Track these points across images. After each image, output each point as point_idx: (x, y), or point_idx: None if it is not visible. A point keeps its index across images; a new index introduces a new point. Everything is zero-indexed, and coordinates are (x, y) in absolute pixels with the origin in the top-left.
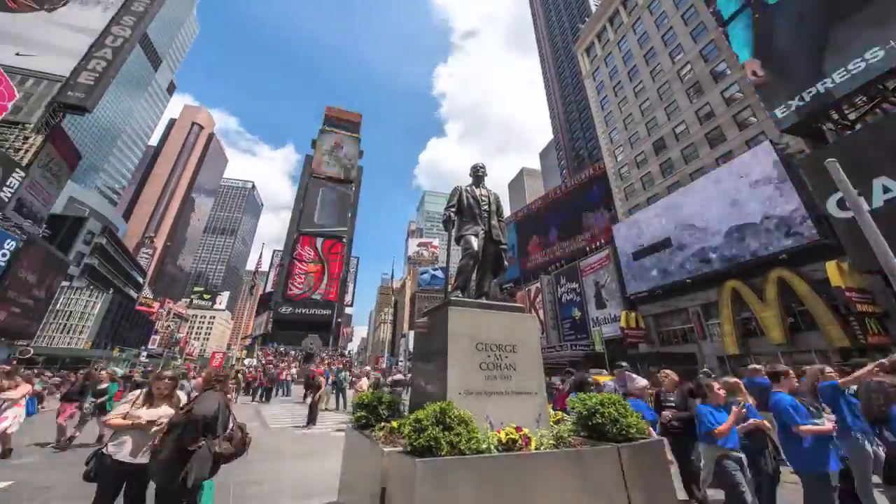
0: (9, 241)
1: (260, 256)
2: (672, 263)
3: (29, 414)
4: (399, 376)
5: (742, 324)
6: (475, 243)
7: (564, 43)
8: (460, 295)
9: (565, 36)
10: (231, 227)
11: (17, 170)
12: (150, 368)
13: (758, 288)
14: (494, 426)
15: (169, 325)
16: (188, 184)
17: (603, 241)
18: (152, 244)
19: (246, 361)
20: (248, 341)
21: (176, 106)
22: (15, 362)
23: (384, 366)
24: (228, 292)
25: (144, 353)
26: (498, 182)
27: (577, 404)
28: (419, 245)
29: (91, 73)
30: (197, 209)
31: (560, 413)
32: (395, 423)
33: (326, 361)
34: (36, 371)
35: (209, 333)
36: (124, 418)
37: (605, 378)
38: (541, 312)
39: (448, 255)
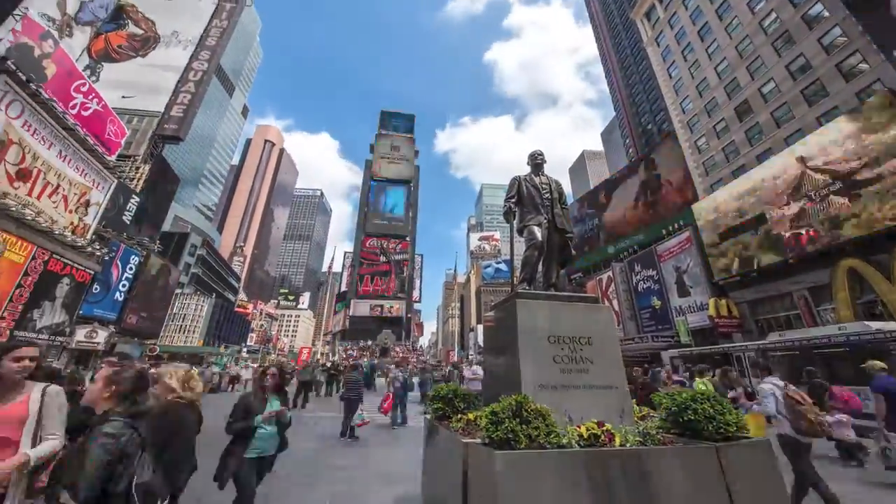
0: (133, 256)
1: (332, 259)
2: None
3: None
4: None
5: (865, 308)
6: (539, 233)
7: (620, 10)
8: (527, 287)
9: (620, 2)
10: (306, 233)
11: (134, 195)
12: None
13: (885, 266)
14: (574, 421)
15: (262, 324)
16: (267, 196)
17: (681, 222)
18: (242, 252)
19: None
20: (329, 337)
21: (250, 126)
22: (147, 358)
23: (455, 359)
24: (309, 292)
25: (245, 350)
26: (556, 170)
27: (664, 400)
28: (480, 239)
29: (180, 105)
30: (276, 219)
31: (645, 409)
32: (471, 415)
33: (402, 355)
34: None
35: (296, 331)
36: None
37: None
38: (615, 303)
39: (511, 248)
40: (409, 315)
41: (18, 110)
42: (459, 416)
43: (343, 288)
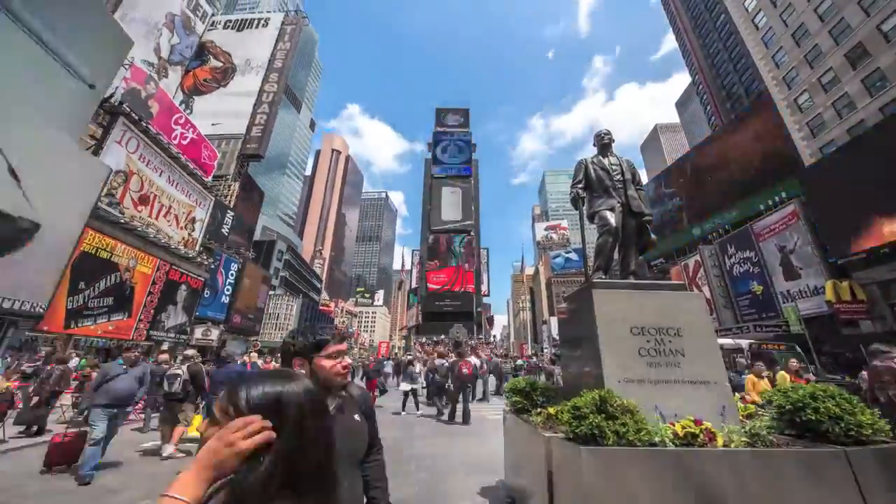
0: (233, 264)
1: (402, 257)
2: None
3: None
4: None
5: None
6: (612, 218)
7: None
8: (603, 276)
9: None
10: (375, 234)
11: (229, 210)
12: None
13: None
14: (666, 418)
15: (344, 321)
16: (338, 201)
17: (783, 195)
18: (321, 255)
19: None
20: (404, 332)
21: (318, 138)
22: (251, 354)
23: (528, 353)
24: (382, 290)
25: None
26: (625, 149)
27: (776, 396)
28: (547, 229)
29: (258, 126)
30: (348, 222)
31: (752, 406)
32: (551, 409)
33: (474, 348)
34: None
35: (374, 327)
36: None
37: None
38: (706, 290)
39: (583, 236)
40: (479, 309)
41: (135, 146)
42: (539, 409)
43: (413, 284)
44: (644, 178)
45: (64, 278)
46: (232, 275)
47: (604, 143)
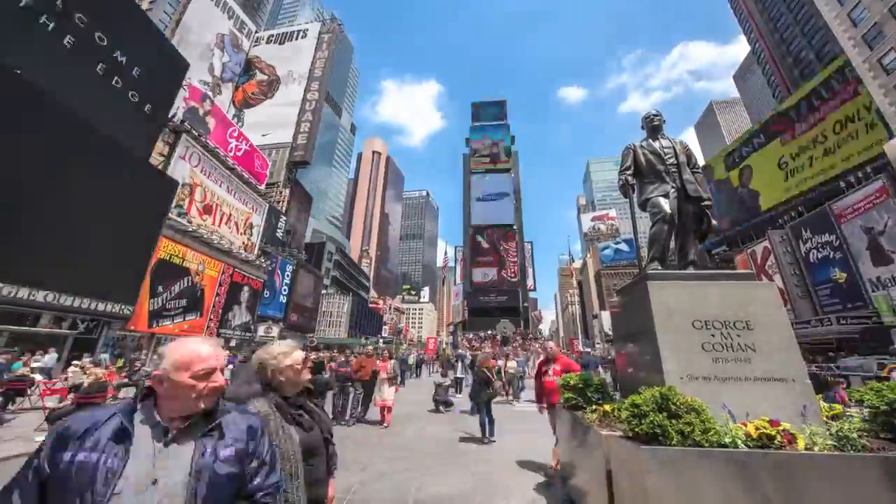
0: (288, 266)
1: (445, 254)
2: None
3: None
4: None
5: None
6: (666, 205)
7: None
8: (658, 267)
9: None
10: (419, 232)
11: (282, 216)
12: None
13: None
14: (736, 418)
15: (392, 318)
16: (381, 202)
17: (868, 169)
18: (368, 255)
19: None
20: (451, 328)
21: (359, 141)
22: (309, 349)
23: (580, 348)
24: (428, 287)
25: (381, 340)
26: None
27: (868, 395)
28: (593, 220)
29: (303, 133)
30: (392, 221)
31: (838, 407)
32: (607, 407)
33: (519, 344)
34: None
35: (421, 322)
36: None
37: None
38: (777, 278)
39: (634, 225)
40: (525, 304)
41: (197, 160)
42: (594, 406)
43: (458, 281)
44: (700, 161)
45: (145, 283)
46: (287, 276)
47: (653, 125)
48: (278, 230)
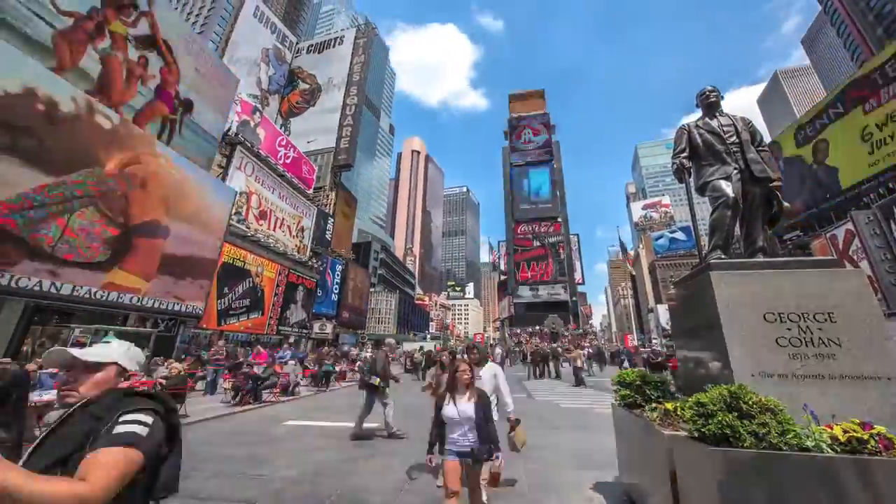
0: (338, 265)
1: (490, 249)
2: None
3: None
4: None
5: None
6: (728, 188)
7: None
8: (721, 256)
9: None
10: (460, 228)
11: (330, 218)
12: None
13: None
14: (820, 419)
15: (438, 314)
16: (422, 200)
17: None
18: (412, 253)
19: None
20: (497, 324)
21: (398, 142)
22: (360, 344)
23: (634, 343)
24: (472, 283)
25: (429, 336)
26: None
27: None
28: (645, 208)
29: (345, 138)
30: (433, 219)
31: None
32: (668, 405)
33: (571, 339)
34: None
35: (467, 318)
36: None
37: None
38: (864, 265)
39: (692, 212)
40: (573, 298)
41: (251, 169)
42: (653, 404)
43: (502, 276)
44: (767, 137)
45: (213, 285)
46: (338, 275)
47: (709, 102)
48: (327, 231)
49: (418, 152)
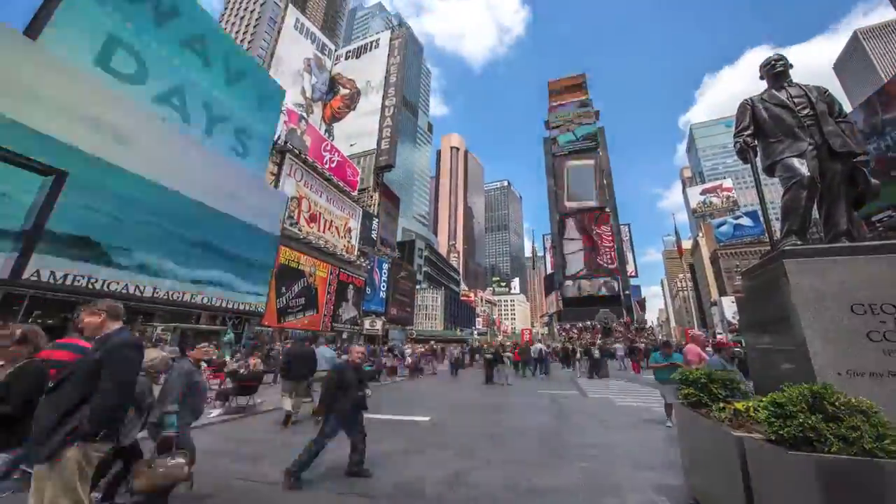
0: (384, 264)
1: (532, 243)
2: None
3: None
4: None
5: None
6: (802, 166)
7: None
8: (797, 241)
9: None
10: (503, 223)
11: (375, 218)
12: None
13: None
14: None
15: (485, 310)
16: (464, 196)
17: None
18: (455, 249)
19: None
20: (546, 319)
21: (436, 139)
22: (409, 340)
23: (723, 336)
24: (518, 278)
25: (475, 332)
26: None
27: None
28: (703, 192)
29: (386, 139)
30: (475, 214)
31: None
32: (739, 405)
33: (623, 334)
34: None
35: (514, 314)
36: None
37: None
38: None
39: (760, 195)
40: (626, 291)
41: (300, 175)
42: (721, 404)
43: (550, 270)
44: (847, 108)
45: (271, 285)
46: (385, 273)
47: (776, 71)
48: (372, 231)
49: (457, 148)
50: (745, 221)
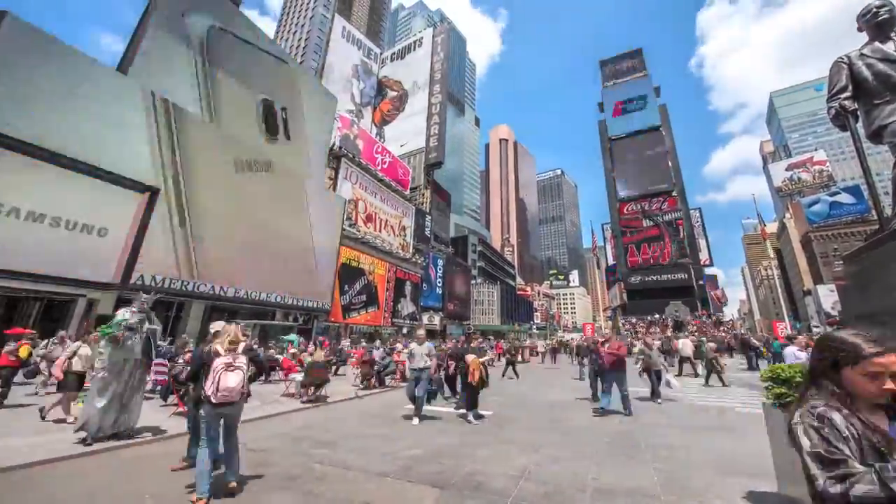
0: (439, 260)
1: (592, 233)
2: None
3: None
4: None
5: None
6: None
7: None
8: None
9: None
10: (558, 213)
11: (427, 215)
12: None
13: None
14: None
15: (542, 304)
16: (515, 188)
17: None
18: (509, 243)
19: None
20: (608, 312)
21: (485, 132)
22: (466, 336)
23: (786, 332)
24: (576, 270)
25: (534, 327)
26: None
27: None
28: (790, 168)
29: (434, 136)
30: (528, 206)
31: None
32: None
33: (697, 328)
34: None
35: (574, 308)
36: None
37: None
38: None
39: (864, 167)
40: (699, 281)
41: (356, 178)
42: None
43: (611, 261)
44: None
45: (335, 283)
46: (440, 269)
47: (878, 22)
48: (426, 228)
49: (506, 140)
50: (844, 198)
